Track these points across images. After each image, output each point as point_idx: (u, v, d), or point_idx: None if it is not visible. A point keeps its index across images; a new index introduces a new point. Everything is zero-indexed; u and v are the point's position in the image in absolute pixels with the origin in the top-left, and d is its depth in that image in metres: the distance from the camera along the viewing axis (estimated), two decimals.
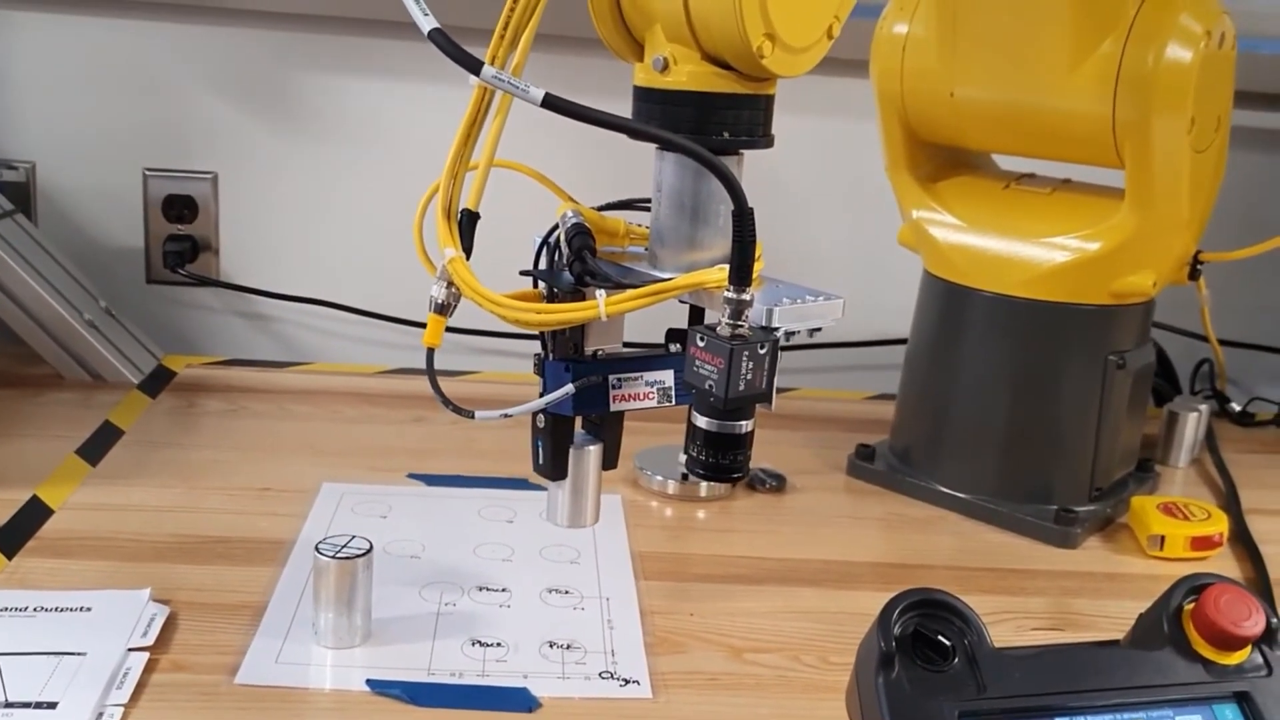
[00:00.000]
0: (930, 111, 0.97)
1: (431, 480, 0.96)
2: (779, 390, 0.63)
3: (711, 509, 0.96)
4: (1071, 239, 0.91)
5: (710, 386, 0.60)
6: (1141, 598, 0.58)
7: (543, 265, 0.70)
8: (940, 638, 0.54)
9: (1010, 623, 0.80)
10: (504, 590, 0.79)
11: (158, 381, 1.14)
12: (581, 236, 0.67)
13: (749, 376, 0.60)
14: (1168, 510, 0.93)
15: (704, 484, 0.97)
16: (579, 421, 0.74)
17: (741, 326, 0.60)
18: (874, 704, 0.53)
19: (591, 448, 0.73)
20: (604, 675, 0.70)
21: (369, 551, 0.70)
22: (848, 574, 0.86)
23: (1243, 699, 0.54)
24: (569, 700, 0.68)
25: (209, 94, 1.22)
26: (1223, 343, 1.22)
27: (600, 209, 0.72)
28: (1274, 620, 0.55)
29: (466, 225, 0.64)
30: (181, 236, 1.24)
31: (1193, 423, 1.12)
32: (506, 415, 0.65)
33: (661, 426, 0.96)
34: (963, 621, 0.55)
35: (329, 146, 1.24)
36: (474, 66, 0.56)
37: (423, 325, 0.66)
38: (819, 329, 0.64)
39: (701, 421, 0.66)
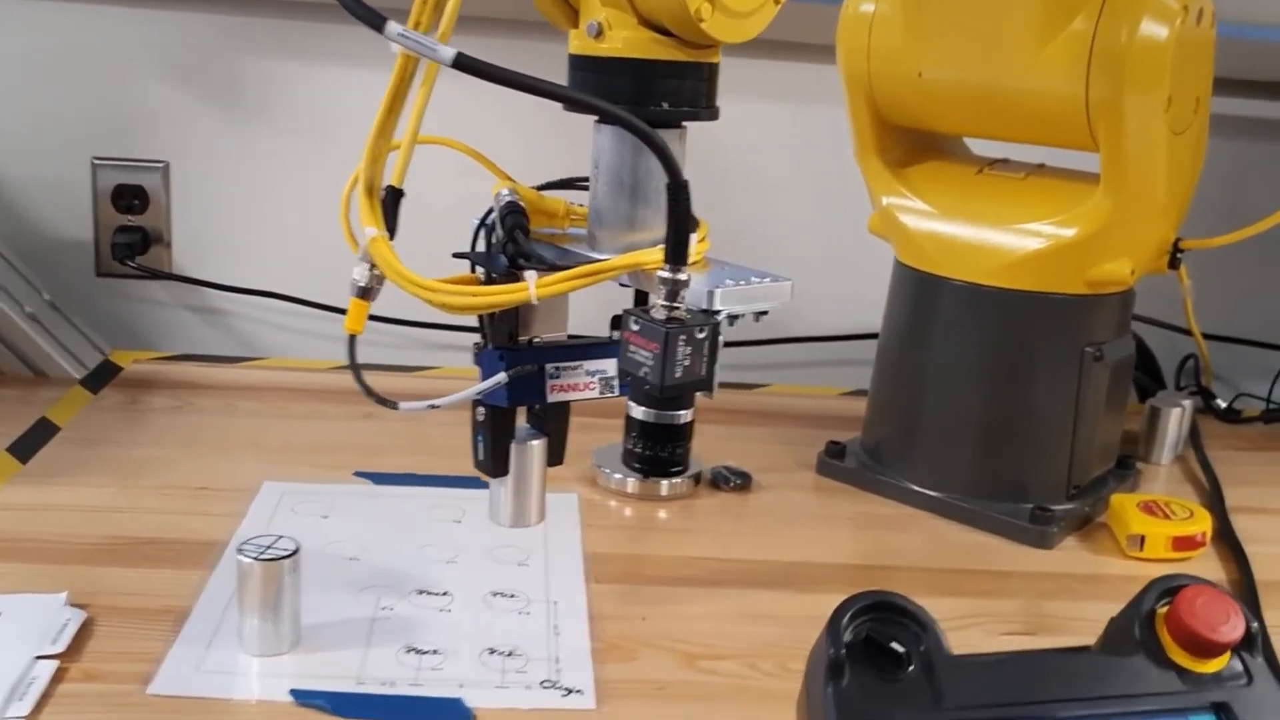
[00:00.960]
0: (898, 93, 0.93)
1: (379, 479, 0.92)
2: (749, 386, 0.59)
3: (672, 508, 0.92)
4: (1046, 225, 0.88)
5: (645, 373, 0.56)
6: (1120, 600, 0.54)
7: (481, 248, 0.66)
8: (894, 644, 0.51)
9: (981, 627, 0.76)
10: (445, 594, 0.75)
11: (102, 377, 1.10)
12: (514, 216, 0.63)
13: (686, 362, 0.56)
14: (1148, 509, 0.89)
15: (665, 482, 0.92)
16: (523, 414, 0.70)
17: (678, 309, 0.56)
18: (821, 715, 0.50)
19: (534, 442, 0.70)
20: (545, 684, 0.66)
21: (295, 552, 0.66)
22: (812, 576, 0.82)
23: (1221, 710, 0.51)
24: (506, 711, 0.64)
25: (160, 81, 1.17)
26: (1207, 336, 1.18)
27: (539, 189, 0.68)
28: (1254, 624, 0.52)
29: (390, 203, 0.60)
30: (132, 228, 1.20)
31: (1175, 418, 1.08)
32: (433, 406, 0.61)
33: (620, 422, 0.91)
34: (919, 626, 0.52)
35: (283, 136, 1.19)
36: (377, 24, 0.52)
37: (380, 320, 0.62)
38: (765, 312, 0.60)
39: (637, 412, 0.62)
